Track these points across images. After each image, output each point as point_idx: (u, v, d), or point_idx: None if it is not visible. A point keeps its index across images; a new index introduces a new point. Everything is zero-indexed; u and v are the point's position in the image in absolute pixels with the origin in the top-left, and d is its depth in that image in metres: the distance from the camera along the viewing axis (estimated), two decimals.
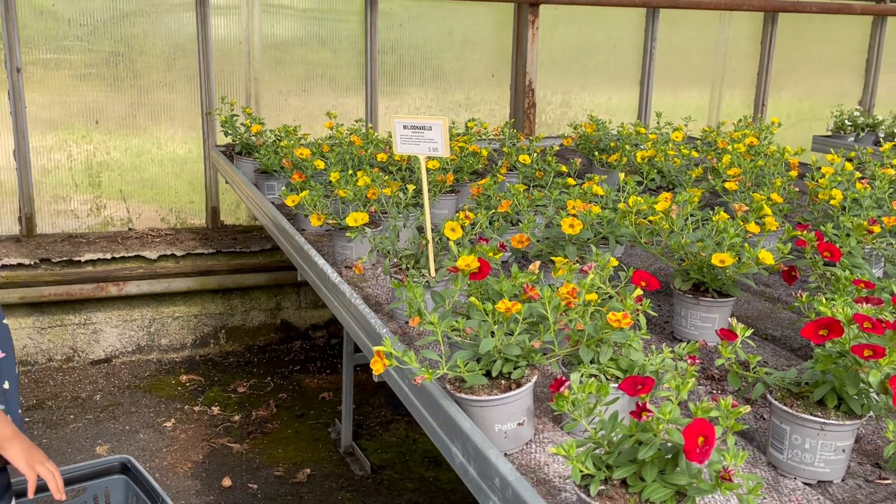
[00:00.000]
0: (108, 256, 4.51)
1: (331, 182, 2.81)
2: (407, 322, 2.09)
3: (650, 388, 1.10)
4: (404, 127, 2.01)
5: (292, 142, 3.26)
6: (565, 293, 1.46)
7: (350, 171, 2.52)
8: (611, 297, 1.57)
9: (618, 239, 2.24)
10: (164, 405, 4.17)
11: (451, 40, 5.35)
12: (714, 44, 6.03)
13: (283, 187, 2.62)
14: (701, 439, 1.04)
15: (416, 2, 5.18)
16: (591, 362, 1.47)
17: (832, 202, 2.52)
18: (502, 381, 1.47)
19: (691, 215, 2.16)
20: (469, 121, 3.94)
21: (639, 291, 1.47)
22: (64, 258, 4.43)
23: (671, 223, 2.00)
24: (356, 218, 2.09)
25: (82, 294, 4.43)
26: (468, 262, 1.46)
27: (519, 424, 1.46)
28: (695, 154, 3.50)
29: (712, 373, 1.84)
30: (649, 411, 1.04)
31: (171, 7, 4.67)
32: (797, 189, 2.87)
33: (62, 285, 4.38)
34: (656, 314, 1.95)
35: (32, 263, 4.38)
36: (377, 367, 1.38)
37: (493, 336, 1.43)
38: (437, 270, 2.16)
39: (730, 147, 3.22)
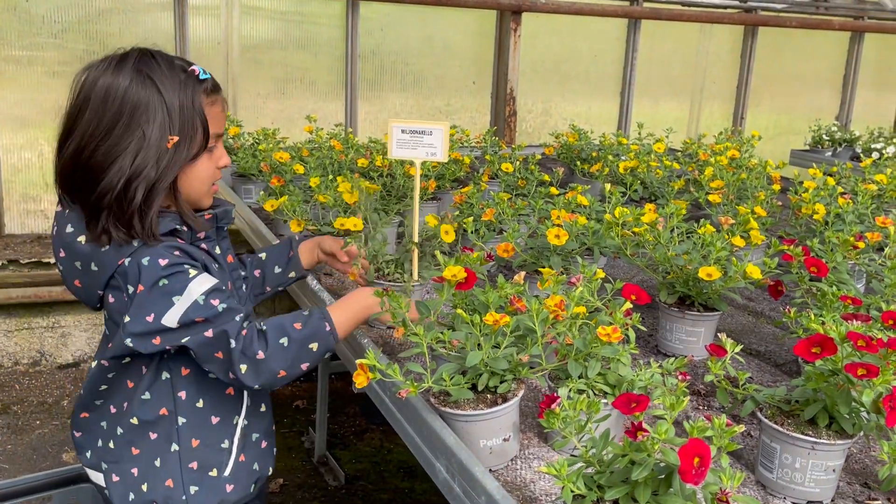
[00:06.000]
0: None
1: (310, 187, 2.76)
2: (388, 328, 2.05)
3: (645, 406, 1.06)
4: (402, 131, 1.96)
5: (271, 145, 3.21)
6: (553, 306, 1.42)
7: (330, 177, 2.47)
8: (599, 310, 1.54)
9: (602, 250, 2.21)
10: None
11: (432, 46, 5.32)
12: (694, 56, 6.05)
13: (262, 191, 2.56)
14: (696, 460, 1.00)
15: (397, 7, 5.14)
16: (579, 377, 1.44)
17: (815, 217, 2.52)
18: (488, 395, 1.43)
19: (676, 227, 2.13)
20: (450, 128, 3.90)
21: (628, 305, 1.44)
22: (33, 259, 4.33)
23: (657, 235, 1.97)
24: (355, 223, 2.06)
25: (51, 296, 4.32)
26: (455, 272, 1.42)
27: (504, 440, 1.42)
28: (676, 166, 3.49)
29: (698, 388, 1.81)
30: (645, 430, 1.00)
31: (147, 6, 4.59)
32: (780, 203, 2.86)
33: (30, 287, 4.28)
34: (645, 329, 1.92)
35: (0, 265, 4.28)
36: (360, 381, 1.33)
37: (479, 349, 1.38)
38: (421, 275, 2.12)
39: (712, 160, 3.21)
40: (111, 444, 1.68)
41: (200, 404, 1.64)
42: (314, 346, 1.55)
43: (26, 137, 4.49)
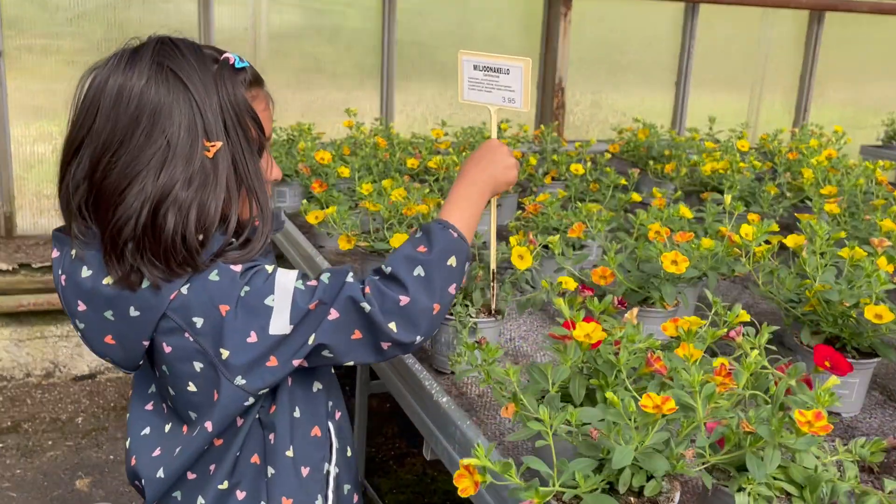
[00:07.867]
0: None
1: (354, 190, 2.40)
2: (447, 373, 1.69)
3: None
4: (475, 67, 1.57)
5: (310, 143, 2.83)
6: (719, 377, 1.04)
7: (385, 182, 2.09)
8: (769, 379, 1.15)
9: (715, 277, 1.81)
10: None
11: (473, 34, 4.92)
12: (756, 44, 5.61)
13: (304, 199, 2.19)
14: None
15: None
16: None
17: None
18: (632, 499, 1.05)
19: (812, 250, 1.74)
20: (502, 122, 3.51)
21: (835, 381, 1.04)
22: (46, 263, 4.00)
23: (803, 262, 1.58)
24: None
25: None
26: (589, 331, 1.04)
27: None
28: (763, 166, 3.09)
29: (868, 465, 1.42)
30: None
31: None
32: None
33: (43, 293, 3.95)
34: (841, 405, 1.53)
35: (11, 269, 3.95)
36: (465, 486, 0.96)
37: (624, 440, 1.00)
38: (497, 310, 1.74)
39: (813, 160, 2.80)
40: None
41: (290, 453, 1.31)
42: (452, 261, 1.26)
43: (39, 130, 4.15)
